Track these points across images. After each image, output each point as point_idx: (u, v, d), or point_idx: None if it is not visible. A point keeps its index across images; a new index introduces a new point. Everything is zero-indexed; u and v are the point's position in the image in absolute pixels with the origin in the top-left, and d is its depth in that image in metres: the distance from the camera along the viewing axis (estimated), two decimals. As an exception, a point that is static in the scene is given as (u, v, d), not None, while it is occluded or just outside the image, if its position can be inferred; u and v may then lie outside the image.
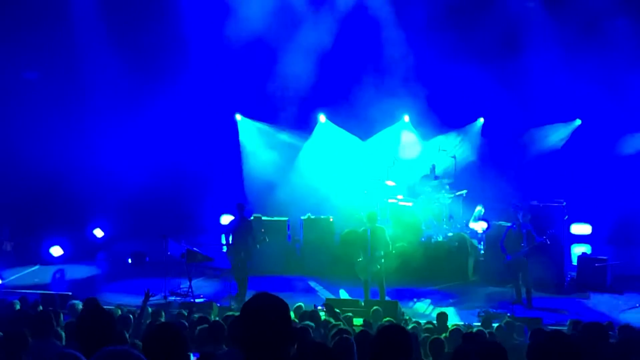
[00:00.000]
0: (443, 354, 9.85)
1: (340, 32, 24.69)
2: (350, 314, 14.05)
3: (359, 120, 25.17)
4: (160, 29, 24.73)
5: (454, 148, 24.72)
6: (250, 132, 27.04)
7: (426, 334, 11.69)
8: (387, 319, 13.22)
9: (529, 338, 9.67)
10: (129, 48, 24.96)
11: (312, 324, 10.74)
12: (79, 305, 13.02)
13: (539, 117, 25.10)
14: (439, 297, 19.66)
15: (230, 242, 19.51)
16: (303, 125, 26.29)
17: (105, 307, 12.94)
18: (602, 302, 19.17)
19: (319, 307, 14.76)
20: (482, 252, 22.06)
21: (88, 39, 24.81)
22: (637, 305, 18.51)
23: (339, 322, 11.42)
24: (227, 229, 20.03)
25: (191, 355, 6.54)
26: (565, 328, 13.19)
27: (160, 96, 25.13)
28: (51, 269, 22.90)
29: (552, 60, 23.57)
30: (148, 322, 11.79)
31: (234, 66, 24.93)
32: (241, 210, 19.66)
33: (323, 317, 12.72)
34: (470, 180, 23.78)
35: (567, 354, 4.94)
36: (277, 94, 25.14)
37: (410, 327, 12.06)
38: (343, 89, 24.83)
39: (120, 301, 16.81)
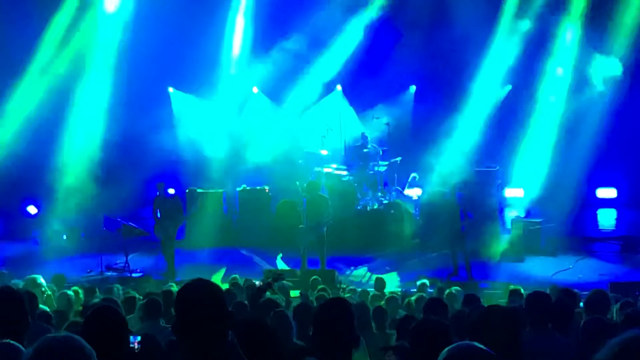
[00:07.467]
0: (386, 322, 9.95)
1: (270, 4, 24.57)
2: (290, 283, 14.14)
3: (293, 92, 25.00)
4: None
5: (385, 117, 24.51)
6: (184, 105, 26.72)
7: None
8: (321, 286, 13.27)
9: (462, 304, 9.79)
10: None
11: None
12: (20, 284, 12.73)
13: (470, 83, 25.17)
14: (376, 264, 19.80)
15: (158, 217, 19.49)
16: (237, 97, 26.10)
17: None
18: (536, 265, 19.50)
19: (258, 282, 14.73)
20: (418, 218, 22.22)
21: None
22: (570, 267, 18.92)
23: (275, 295, 11.46)
24: (152, 206, 20.03)
25: (131, 337, 6.49)
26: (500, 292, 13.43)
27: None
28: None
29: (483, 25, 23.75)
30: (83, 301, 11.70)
31: (167, 39, 24.66)
32: (162, 189, 19.71)
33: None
34: (405, 148, 23.85)
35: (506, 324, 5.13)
36: (209, 67, 25.06)
37: (346, 295, 12.13)
38: (275, 62, 24.66)
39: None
